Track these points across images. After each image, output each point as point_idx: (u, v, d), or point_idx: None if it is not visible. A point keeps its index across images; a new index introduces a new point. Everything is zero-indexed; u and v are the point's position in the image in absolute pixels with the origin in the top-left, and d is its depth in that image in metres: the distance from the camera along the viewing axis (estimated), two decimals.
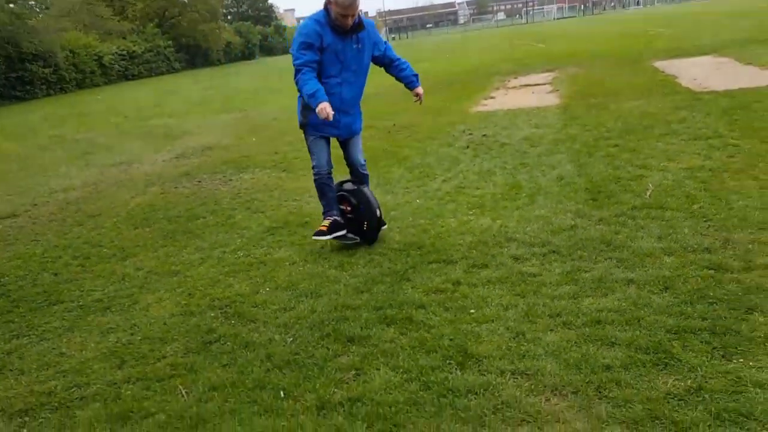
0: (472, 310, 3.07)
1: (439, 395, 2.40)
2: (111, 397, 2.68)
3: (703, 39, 15.47)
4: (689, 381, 2.27)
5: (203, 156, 8.38)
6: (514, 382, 2.43)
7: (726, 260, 3.18)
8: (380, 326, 3.02)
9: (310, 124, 3.91)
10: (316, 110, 3.55)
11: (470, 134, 7.55)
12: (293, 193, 5.75)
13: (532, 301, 3.08)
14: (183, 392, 2.64)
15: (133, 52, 35.47)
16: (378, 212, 4.07)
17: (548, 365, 2.50)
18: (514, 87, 12.09)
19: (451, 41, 39.66)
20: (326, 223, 4.08)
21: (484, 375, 2.50)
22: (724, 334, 2.54)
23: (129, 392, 2.70)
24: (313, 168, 4.07)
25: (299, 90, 3.72)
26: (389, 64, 4.10)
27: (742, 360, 2.36)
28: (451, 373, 2.54)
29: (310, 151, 4.07)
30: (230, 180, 6.65)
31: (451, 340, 2.80)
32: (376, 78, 18.16)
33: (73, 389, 2.79)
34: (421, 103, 4.31)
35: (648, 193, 4.39)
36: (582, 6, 76.38)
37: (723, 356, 2.40)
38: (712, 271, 3.10)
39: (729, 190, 4.20)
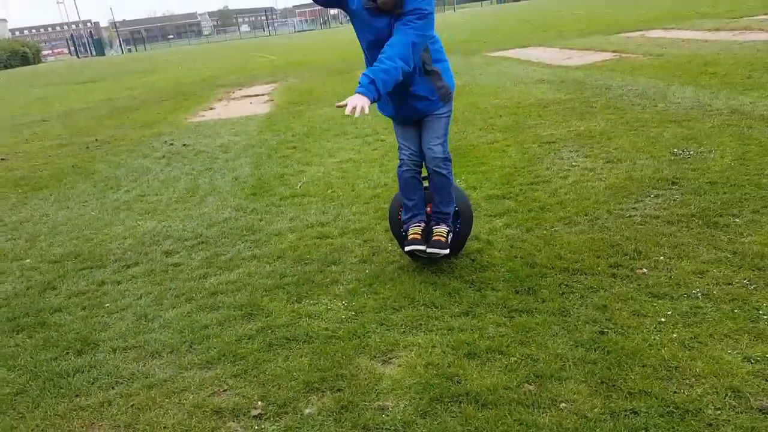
0: (107, 304, 3.31)
1: (46, 380, 2.60)
2: None
3: None
4: (261, 323, 2.87)
5: None
6: (121, 355, 2.75)
7: (330, 230, 3.98)
8: (9, 334, 3.08)
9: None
10: None
11: (171, 144, 7.70)
12: None
13: (167, 286, 3.45)
14: None
15: None
16: (472, 214, 3.36)
17: (158, 336, 2.88)
18: (236, 98, 12.48)
19: (189, 52, 38.68)
20: (416, 230, 3.15)
21: (97, 355, 2.77)
22: (303, 284, 3.23)
23: None
24: None
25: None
26: None
27: (307, 301, 3.05)
28: (65, 360, 2.75)
29: None
30: None
31: (77, 333, 3.00)
32: (82, 95, 16.67)
33: None
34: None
35: (299, 185, 5.14)
36: (321, 19, 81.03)
37: (296, 300, 3.07)
38: (318, 240, 3.84)
39: (359, 176, 5.16)
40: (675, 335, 2.44)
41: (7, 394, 2.53)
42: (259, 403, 2.28)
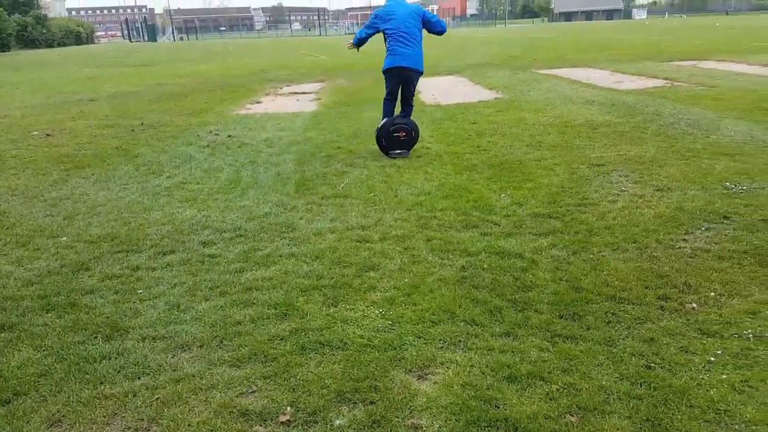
0: (140, 291, 3.26)
1: (71, 364, 2.55)
2: None
3: (455, 61, 17.68)
4: (294, 324, 2.78)
5: None
6: (150, 345, 2.70)
7: (370, 234, 3.88)
8: (38, 312, 3.05)
9: None
10: None
11: (216, 135, 7.73)
12: None
13: (202, 278, 3.39)
14: None
15: None
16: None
17: (189, 328, 2.82)
18: (283, 94, 12.52)
19: (240, 45, 39.24)
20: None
21: (125, 343, 2.72)
22: (340, 288, 3.13)
23: None
24: None
25: None
26: None
27: (343, 305, 2.95)
28: (93, 345, 2.71)
29: None
30: None
31: (107, 318, 2.96)
32: (131, 78, 16.90)
33: None
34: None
35: (342, 186, 5.06)
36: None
37: (332, 304, 2.97)
38: (358, 243, 3.74)
39: (402, 182, 5.06)
40: (725, 376, 2.30)
41: (31, 375, 2.49)
42: (288, 408, 2.18)
